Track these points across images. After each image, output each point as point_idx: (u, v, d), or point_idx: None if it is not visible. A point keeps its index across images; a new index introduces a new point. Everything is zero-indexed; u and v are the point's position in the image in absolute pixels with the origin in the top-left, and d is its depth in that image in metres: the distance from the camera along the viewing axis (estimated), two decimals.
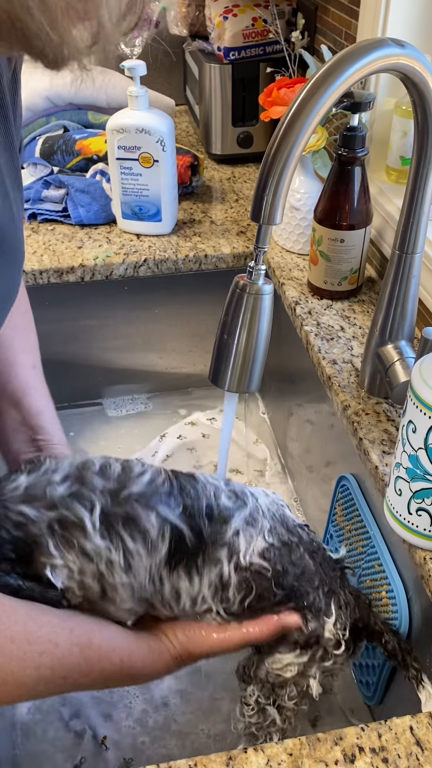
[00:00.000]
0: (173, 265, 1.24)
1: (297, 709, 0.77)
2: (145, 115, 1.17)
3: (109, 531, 0.65)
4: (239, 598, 0.70)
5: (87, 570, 0.65)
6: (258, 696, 0.77)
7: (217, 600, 0.70)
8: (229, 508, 0.71)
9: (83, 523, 0.64)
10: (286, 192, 0.62)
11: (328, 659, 0.74)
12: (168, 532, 0.67)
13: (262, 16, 1.38)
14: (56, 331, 1.28)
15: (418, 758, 0.59)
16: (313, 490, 1.18)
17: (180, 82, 1.82)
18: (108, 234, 1.30)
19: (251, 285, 0.66)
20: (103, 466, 0.69)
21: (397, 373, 0.87)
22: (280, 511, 0.75)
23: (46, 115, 1.48)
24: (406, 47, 0.64)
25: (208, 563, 0.69)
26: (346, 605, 0.75)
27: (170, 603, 0.70)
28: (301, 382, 1.16)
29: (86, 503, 0.65)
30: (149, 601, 0.69)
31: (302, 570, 0.72)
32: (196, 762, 0.59)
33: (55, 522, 0.64)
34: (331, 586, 0.74)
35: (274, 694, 0.76)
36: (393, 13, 1.02)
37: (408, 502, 0.70)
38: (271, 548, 0.71)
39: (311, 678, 0.74)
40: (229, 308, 0.67)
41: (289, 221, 1.20)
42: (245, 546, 0.70)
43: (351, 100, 0.95)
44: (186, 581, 0.68)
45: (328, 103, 0.61)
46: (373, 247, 1.15)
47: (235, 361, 0.68)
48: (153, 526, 0.66)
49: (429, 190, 0.77)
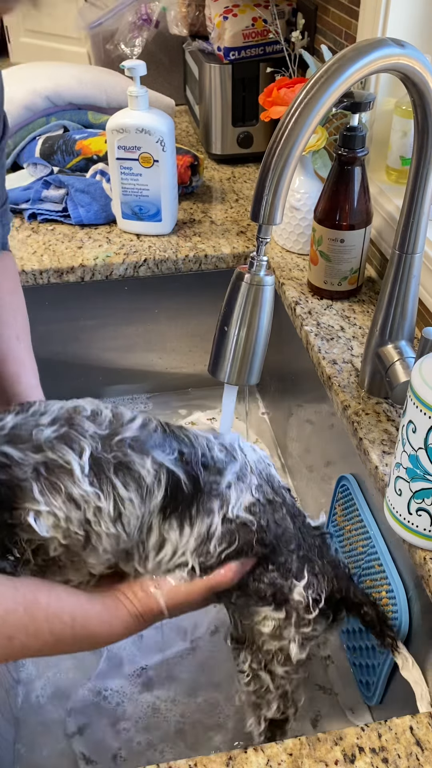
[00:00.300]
0: (173, 265, 1.24)
1: (289, 677, 0.77)
2: (145, 115, 1.17)
3: (99, 477, 0.62)
4: (219, 550, 0.68)
5: (73, 518, 0.62)
6: (250, 661, 0.76)
7: (196, 554, 0.68)
8: (221, 461, 0.70)
9: (71, 467, 0.61)
10: (286, 192, 0.62)
11: (304, 624, 0.73)
12: (164, 478, 0.65)
13: (262, 16, 1.38)
14: (56, 331, 1.28)
15: (418, 758, 0.59)
16: (313, 490, 1.18)
17: (180, 82, 1.82)
18: (108, 234, 1.30)
19: (252, 276, 0.66)
20: (94, 412, 0.66)
21: (397, 373, 0.87)
22: (267, 470, 0.75)
23: (46, 115, 1.48)
24: (406, 47, 0.64)
25: (202, 513, 0.67)
26: (322, 574, 0.74)
27: (149, 554, 0.67)
28: (301, 382, 1.16)
29: (75, 446, 0.62)
30: (127, 552, 0.67)
31: (282, 531, 0.72)
32: (196, 762, 0.59)
33: (41, 465, 0.61)
34: (308, 553, 0.74)
35: (264, 659, 0.75)
36: (393, 13, 1.02)
37: (408, 502, 0.70)
38: (258, 504, 0.70)
39: (291, 642, 0.74)
40: (230, 299, 0.66)
41: (289, 221, 1.20)
42: (235, 499, 0.69)
43: (351, 100, 0.95)
44: (177, 531, 0.67)
45: (328, 103, 0.61)
46: (373, 247, 1.15)
47: (234, 353, 0.68)
48: (148, 472, 0.64)
49: (429, 190, 0.77)
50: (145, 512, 0.65)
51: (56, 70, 1.51)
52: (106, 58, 1.70)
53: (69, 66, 1.55)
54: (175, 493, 0.66)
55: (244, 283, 0.65)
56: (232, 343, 0.67)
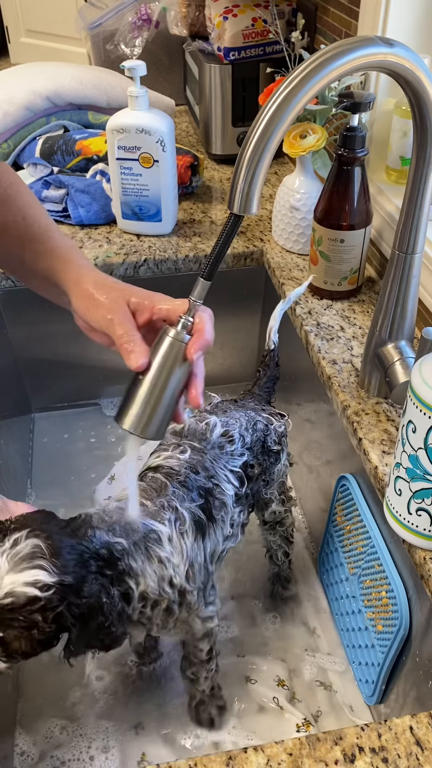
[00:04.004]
0: (173, 265, 1.24)
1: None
2: (145, 115, 1.17)
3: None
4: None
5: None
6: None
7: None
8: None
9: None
10: (262, 182, 0.62)
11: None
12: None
13: (262, 17, 1.38)
14: (56, 331, 1.28)
15: (418, 758, 0.59)
16: (313, 489, 1.18)
17: (180, 82, 1.82)
18: (108, 234, 1.30)
19: (177, 333, 0.66)
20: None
21: (397, 373, 0.87)
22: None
23: (46, 115, 1.48)
24: (395, 46, 0.64)
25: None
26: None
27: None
28: (301, 382, 1.16)
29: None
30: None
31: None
32: (196, 762, 0.59)
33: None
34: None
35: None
36: (393, 14, 1.02)
37: (408, 502, 0.70)
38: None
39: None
40: (153, 350, 0.66)
41: (289, 221, 1.20)
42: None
43: (351, 101, 0.95)
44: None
45: (307, 98, 0.61)
46: (373, 247, 1.15)
47: (145, 402, 0.65)
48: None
49: (429, 190, 0.77)
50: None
51: (56, 70, 1.51)
52: (106, 58, 1.70)
53: (69, 66, 1.55)
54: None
55: (169, 337, 0.66)
56: (143, 390, 0.65)
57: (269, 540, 1.05)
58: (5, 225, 0.80)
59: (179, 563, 0.75)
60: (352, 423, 0.89)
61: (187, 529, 0.77)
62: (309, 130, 1.09)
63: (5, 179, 0.82)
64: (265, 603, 1.10)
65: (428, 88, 0.68)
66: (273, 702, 0.97)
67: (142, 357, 0.65)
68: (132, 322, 0.69)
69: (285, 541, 1.06)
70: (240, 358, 1.43)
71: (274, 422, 0.94)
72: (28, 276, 0.82)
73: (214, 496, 0.82)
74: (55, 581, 0.63)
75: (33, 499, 1.28)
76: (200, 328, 0.67)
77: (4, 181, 0.82)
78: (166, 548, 0.75)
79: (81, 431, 1.40)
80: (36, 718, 0.95)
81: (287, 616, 1.09)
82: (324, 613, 1.08)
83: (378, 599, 0.86)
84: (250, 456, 0.88)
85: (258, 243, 1.28)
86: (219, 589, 1.12)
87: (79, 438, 1.38)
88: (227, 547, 0.87)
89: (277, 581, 1.10)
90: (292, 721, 0.95)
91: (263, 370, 1.02)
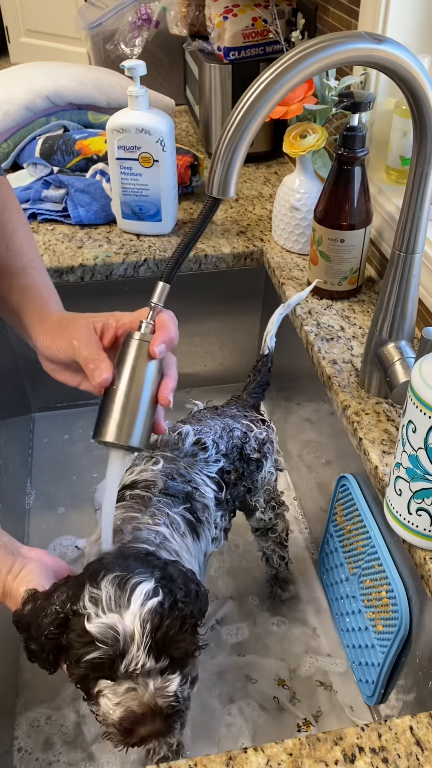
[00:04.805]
0: None
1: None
2: (145, 115, 1.17)
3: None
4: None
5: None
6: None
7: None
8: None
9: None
10: (239, 165, 0.64)
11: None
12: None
13: (262, 16, 1.38)
14: None
15: (418, 758, 0.59)
16: (313, 489, 1.18)
17: (180, 82, 1.82)
18: (108, 234, 1.30)
19: (142, 334, 0.66)
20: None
21: (397, 373, 0.87)
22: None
23: (46, 115, 1.48)
24: (384, 42, 0.65)
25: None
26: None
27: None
28: (301, 382, 1.16)
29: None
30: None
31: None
32: (196, 762, 0.59)
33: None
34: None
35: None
36: (393, 13, 1.02)
37: (408, 502, 0.70)
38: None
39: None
40: (119, 358, 0.66)
41: (289, 221, 1.20)
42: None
43: (351, 100, 0.95)
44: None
45: (288, 87, 0.62)
46: (373, 247, 1.15)
47: (122, 409, 0.64)
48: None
49: (429, 189, 0.77)
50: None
51: (56, 70, 1.51)
52: (106, 58, 1.70)
53: (69, 66, 1.55)
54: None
55: (134, 339, 0.66)
56: (118, 398, 0.64)
57: (262, 546, 1.06)
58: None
59: (190, 559, 0.76)
60: (352, 423, 0.89)
61: (184, 531, 0.77)
62: (309, 129, 1.09)
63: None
64: (265, 603, 1.10)
65: (424, 85, 0.68)
66: (273, 702, 0.97)
67: (106, 372, 0.65)
68: (97, 343, 0.69)
69: (279, 546, 1.06)
70: (240, 358, 1.43)
71: (255, 429, 0.93)
72: (0, 306, 0.81)
73: (195, 499, 0.82)
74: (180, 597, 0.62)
75: (33, 498, 1.28)
76: (162, 325, 0.67)
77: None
78: (175, 544, 0.74)
79: (81, 431, 1.40)
80: (36, 715, 0.95)
81: (287, 617, 1.09)
82: (324, 614, 1.08)
83: (378, 599, 0.86)
84: (226, 462, 0.88)
85: (258, 243, 1.28)
86: (219, 589, 1.12)
87: (79, 438, 1.38)
88: (211, 550, 0.87)
89: (275, 583, 1.10)
90: (292, 721, 0.95)
91: (254, 375, 1.01)
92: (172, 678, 0.60)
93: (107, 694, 0.59)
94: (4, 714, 0.94)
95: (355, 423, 0.89)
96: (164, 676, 0.60)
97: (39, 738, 0.93)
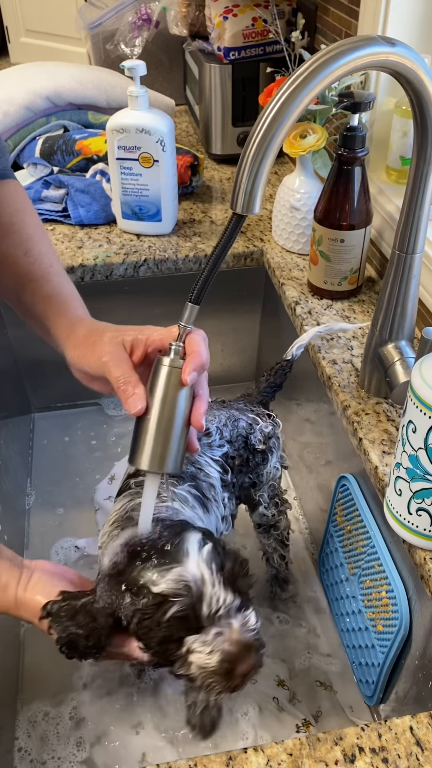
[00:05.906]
0: (173, 265, 1.24)
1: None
2: (145, 115, 1.17)
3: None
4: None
5: None
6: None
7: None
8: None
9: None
10: (265, 182, 0.62)
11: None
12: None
13: (262, 16, 1.38)
14: None
15: (418, 758, 0.59)
16: (313, 489, 1.18)
17: (180, 82, 1.82)
18: (108, 234, 1.30)
19: (172, 360, 0.65)
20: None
21: (397, 373, 0.87)
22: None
23: (46, 115, 1.48)
24: (396, 45, 0.64)
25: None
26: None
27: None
28: (301, 382, 1.16)
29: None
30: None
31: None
32: (196, 762, 0.59)
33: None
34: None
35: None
36: (393, 13, 1.02)
37: (408, 502, 0.70)
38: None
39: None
40: (151, 384, 0.65)
41: (289, 221, 1.20)
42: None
43: (351, 100, 0.95)
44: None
45: (310, 97, 0.61)
46: (373, 247, 1.15)
47: (155, 437, 0.64)
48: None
49: (429, 190, 0.77)
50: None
51: (56, 70, 1.51)
52: (106, 58, 1.70)
53: (69, 66, 1.55)
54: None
55: (164, 366, 0.65)
56: (151, 426, 0.64)
57: (264, 543, 1.05)
58: (6, 258, 0.79)
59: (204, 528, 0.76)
60: (352, 423, 0.89)
61: (193, 504, 0.78)
62: (309, 129, 1.09)
63: (14, 203, 0.80)
64: (265, 603, 1.10)
65: (429, 87, 0.68)
66: (273, 702, 0.97)
67: (140, 401, 0.64)
68: (128, 361, 0.68)
69: (280, 544, 1.05)
70: (240, 358, 1.43)
71: (261, 422, 0.93)
72: (25, 315, 0.81)
73: (200, 479, 0.83)
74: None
75: (33, 498, 1.28)
76: (192, 349, 0.66)
77: (13, 205, 0.80)
78: (187, 513, 0.75)
79: (81, 431, 1.40)
80: (36, 715, 0.95)
81: (287, 617, 1.09)
82: (324, 614, 1.08)
83: (378, 599, 0.86)
84: (230, 449, 0.89)
85: (258, 243, 1.28)
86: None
87: (79, 438, 1.38)
88: (222, 530, 0.87)
89: (275, 583, 1.10)
90: (292, 722, 0.95)
91: (268, 375, 1.00)
92: (249, 613, 0.62)
93: (197, 649, 0.61)
94: (4, 714, 0.94)
95: (355, 423, 0.89)
96: (242, 613, 0.62)
97: (39, 738, 0.93)
